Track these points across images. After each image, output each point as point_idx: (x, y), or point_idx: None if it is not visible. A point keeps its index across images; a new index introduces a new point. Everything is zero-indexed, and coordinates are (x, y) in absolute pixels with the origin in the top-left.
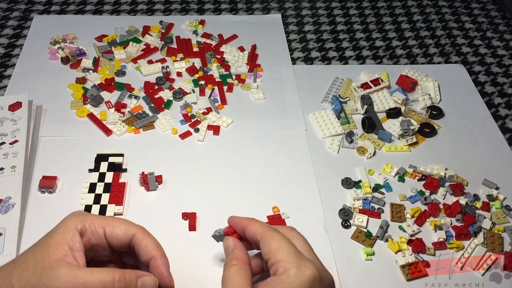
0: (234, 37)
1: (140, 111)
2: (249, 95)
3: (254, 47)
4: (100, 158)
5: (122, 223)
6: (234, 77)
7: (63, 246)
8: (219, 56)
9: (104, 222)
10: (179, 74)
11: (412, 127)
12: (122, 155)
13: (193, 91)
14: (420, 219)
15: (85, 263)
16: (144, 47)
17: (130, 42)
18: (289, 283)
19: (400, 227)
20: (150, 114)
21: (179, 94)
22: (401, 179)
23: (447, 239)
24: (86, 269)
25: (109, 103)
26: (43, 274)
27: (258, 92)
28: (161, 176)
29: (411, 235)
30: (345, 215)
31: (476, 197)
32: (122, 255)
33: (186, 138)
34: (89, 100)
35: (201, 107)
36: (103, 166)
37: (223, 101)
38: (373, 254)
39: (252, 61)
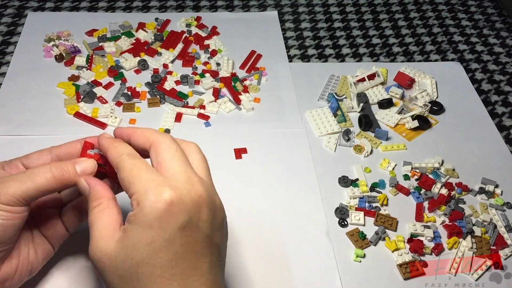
0: (215, 33)
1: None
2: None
3: (253, 53)
4: None
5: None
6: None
7: None
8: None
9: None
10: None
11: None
12: None
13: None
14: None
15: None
16: (134, 41)
17: (123, 36)
18: (142, 220)
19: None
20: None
21: (190, 78)
22: (406, 177)
23: (434, 239)
24: (22, 173)
25: (102, 99)
26: None
27: (249, 103)
28: None
29: (411, 235)
30: (341, 213)
31: (466, 189)
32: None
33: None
34: (82, 97)
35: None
36: None
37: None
38: (363, 256)
39: (252, 64)
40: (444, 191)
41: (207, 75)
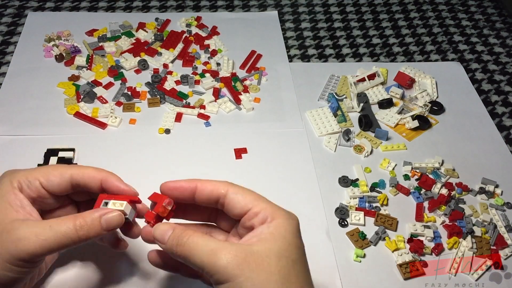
0: (215, 33)
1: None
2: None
3: (253, 53)
4: (50, 153)
5: (55, 169)
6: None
7: (12, 205)
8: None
9: (37, 173)
10: (165, 66)
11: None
12: (73, 149)
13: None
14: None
15: (39, 216)
16: (135, 41)
17: (123, 36)
18: (286, 228)
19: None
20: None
21: (190, 78)
22: (406, 177)
23: (434, 239)
24: (44, 224)
25: (102, 99)
26: (4, 240)
27: (249, 103)
28: None
29: (411, 235)
30: (341, 213)
31: (466, 189)
32: (73, 196)
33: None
34: (82, 97)
35: (206, 100)
36: (52, 161)
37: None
38: (363, 256)
39: (252, 64)
40: (444, 191)
41: (207, 75)
